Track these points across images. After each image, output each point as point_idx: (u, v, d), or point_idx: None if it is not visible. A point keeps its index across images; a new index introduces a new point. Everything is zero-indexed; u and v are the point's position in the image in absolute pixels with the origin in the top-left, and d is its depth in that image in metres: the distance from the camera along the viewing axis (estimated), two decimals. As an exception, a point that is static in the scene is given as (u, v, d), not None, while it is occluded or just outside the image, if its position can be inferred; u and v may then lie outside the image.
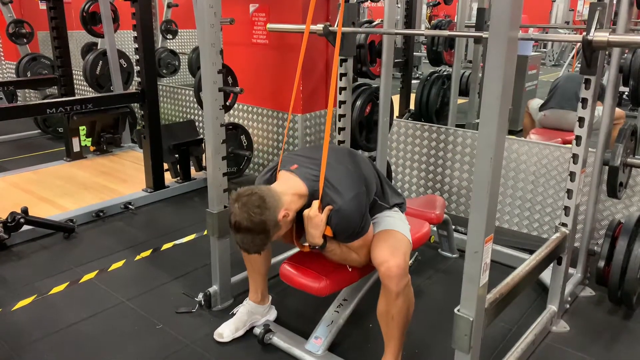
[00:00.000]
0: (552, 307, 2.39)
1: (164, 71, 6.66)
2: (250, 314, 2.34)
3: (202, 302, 2.51)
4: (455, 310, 1.62)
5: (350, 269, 2.04)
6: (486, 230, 1.49)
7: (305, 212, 1.87)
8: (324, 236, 1.87)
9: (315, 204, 1.85)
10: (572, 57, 10.10)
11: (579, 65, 3.37)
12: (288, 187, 1.89)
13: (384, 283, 1.84)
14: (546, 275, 2.60)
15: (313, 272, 2.01)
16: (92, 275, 2.85)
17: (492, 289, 1.74)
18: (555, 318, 2.39)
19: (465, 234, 3.13)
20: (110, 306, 2.57)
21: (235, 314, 2.36)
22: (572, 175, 2.21)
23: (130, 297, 2.64)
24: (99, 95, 4.52)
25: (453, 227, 3.04)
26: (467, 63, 6.01)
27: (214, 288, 2.53)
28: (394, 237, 1.94)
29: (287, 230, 1.93)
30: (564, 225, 2.27)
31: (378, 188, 2.07)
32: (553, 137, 4.08)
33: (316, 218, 1.84)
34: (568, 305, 2.53)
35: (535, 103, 4.74)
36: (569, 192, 2.22)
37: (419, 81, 4.77)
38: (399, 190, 2.25)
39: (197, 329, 2.39)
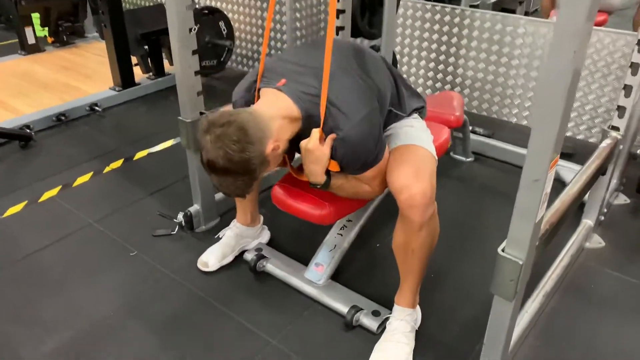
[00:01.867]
0: (588, 222, 2.07)
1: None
2: (239, 237, 2.00)
3: (183, 224, 2.16)
4: (499, 250, 1.27)
5: None
6: (553, 152, 1.09)
7: (303, 143, 1.43)
8: (327, 172, 1.47)
9: (316, 133, 1.41)
10: None
11: None
12: (276, 109, 1.43)
13: (404, 213, 1.46)
14: (568, 175, 2.28)
15: (313, 197, 1.63)
16: (54, 192, 2.46)
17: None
18: (590, 232, 2.09)
19: (483, 135, 2.83)
20: (76, 229, 2.21)
21: (221, 238, 2.02)
22: (634, 67, 1.77)
23: (99, 218, 2.28)
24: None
25: (470, 127, 2.64)
26: None
27: (195, 207, 2.17)
28: (415, 154, 1.53)
29: (278, 163, 1.51)
30: (615, 129, 1.88)
31: (394, 94, 1.61)
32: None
33: (317, 151, 1.41)
34: (602, 217, 2.22)
35: (557, -21, 4.12)
36: (627, 89, 1.80)
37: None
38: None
39: (177, 256, 2.06)
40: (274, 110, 1.42)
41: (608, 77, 2.71)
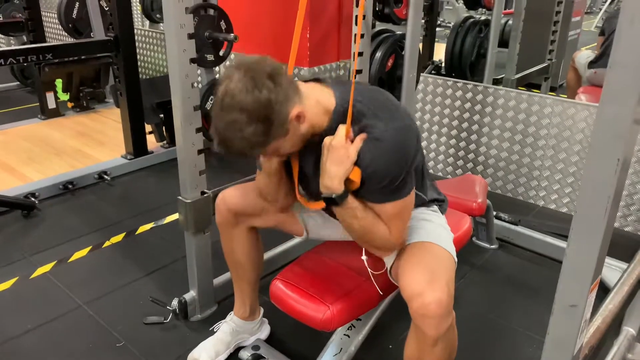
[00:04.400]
0: (629, 331, 1.82)
1: (157, 15, 5.93)
2: (236, 333, 1.80)
3: (177, 311, 1.98)
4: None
5: (366, 258, 1.44)
6: (594, 274, 0.91)
7: (327, 139, 1.25)
8: (347, 182, 1.26)
9: (343, 129, 1.24)
10: (609, 3, 9.19)
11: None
12: (312, 90, 1.29)
13: (416, 324, 1.26)
14: (608, 273, 2.05)
15: (314, 296, 1.44)
16: (47, 267, 2.32)
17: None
18: (632, 342, 1.83)
19: (508, 221, 2.63)
20: (63, 312, 2.05)
21: (216, 331, 1.83)
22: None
23: (90, 300, 2.11)
24: (61, 43, 3.89)
25: (494, 212, 2.45)
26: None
27: (191, 294, 2.00)
28: (432, 254, 1.34)
29: (292, 149, 1.30)
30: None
31: (419, 168, 1.43)
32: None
33: (341, 149, 1.22)
34: (645, 323, 1.96)
35: (584, 56, 4.02)
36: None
37: (442, 28, 4.04)
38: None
39: (168, 349, 1.87)
40: (310, 90, 1.28)
41: (644, 163, 2.52)
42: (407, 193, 1.30)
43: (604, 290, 1.45)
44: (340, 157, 1.23)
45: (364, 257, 1.47)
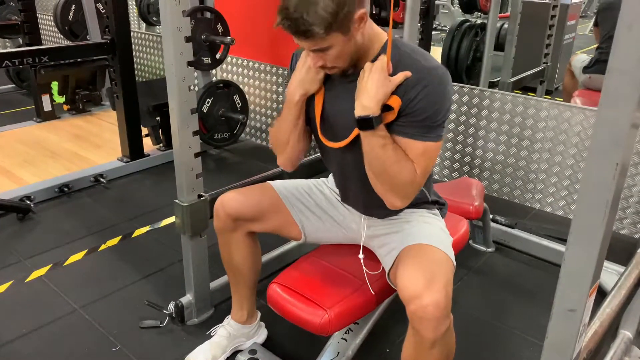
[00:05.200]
0: (626, 334, 1.83)
1: (154, 18, 5.92)
2: (233, 337, 1.80)
3: (173, 315, 1.97)
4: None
5: (362, 257, 1.45)
6: (593, 277, 0.91)
7: (368, 64, 1.28)
8: (383, 110, 1.26)
9: (384, 57, 1.27)
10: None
11: None
12: (370, 22, 1.33)
13: (414, 326, 1.26)
14: (604, 276, 2.06)
15: (311, 300, 1.44)
16: (43, 271, 2.31)
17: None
18: (629, 346, 1.84)
19: (505, 224, 2.64)
20: (59, 316, 2.03)
21: (213, 335, 1.82)
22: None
23: (86, 303, 2.10)
24: (57, 46, 3.89)
25: (490, 215, 2.45)
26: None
27: (187, 298, 1.99)
28: (431, 257, 1.34)
29: (344, 58, 1.29)
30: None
31: None
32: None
33: (383, 72, 1.24)
34: (642, 327, 1.97)
35: (579, 60, 4.03)
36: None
37: (437, 32, 4.05)
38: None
39: (164, 353, 1.86)
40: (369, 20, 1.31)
41: (639, 166, 2.54)
42: (438, 137, 1.31)
43: (600, 294, 1.45)
44: (381, 79, 1.25)
45: (360, 256, 1.47)
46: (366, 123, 1.26)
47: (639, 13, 0.74)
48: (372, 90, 1.24)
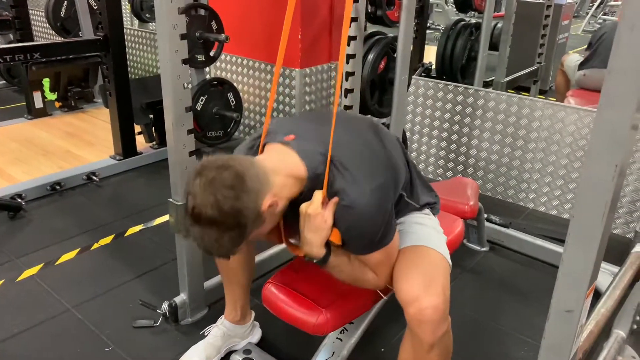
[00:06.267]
0: (620, 333, 1.83)
1: (146, 15, 5.87)
2: (227, 337, 1.78)
3: (167, 315, 1.96)
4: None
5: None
6: (591, 278, 0.91)
7: (303, 206, 1.26)
8: (328, 244, 1.27)
9: (318, 195, 1.24)
10: (596, 7, 9.27)
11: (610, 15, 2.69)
12: (280, 164, 1.27)
13: (412, 329, 1.26)
14: (599, 277, 2.06)
15: (307, 300, 1.43)
16: (34, 270, 2.28)
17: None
18: (622, 345, 1.84)
19: (499, 224, 2.65)
20: (51, 316, 2.01)
21: (207, 335, 1.81)
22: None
23: (78, 303, 2.08)
24: (48, 42, 3.85)
25: (485, 215, 2.45)
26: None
27: (181, 297, 1.97)
28: (427, 259, 1.34)
29: (273, 225, 1.31)
30: (649, 230, 1.69)
31: (407, 180, 1.44)
32: (597, 101, 3.43)
33: (318, 217, 1.23)
34: (635, 326, 1.98)
35: (572, 59, 4.06)
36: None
37: (431, 31, 4.04)
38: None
39: (157, 353, 1.85)
40: (278, 164, 1.27)
41: (632, 166, 2.55)
42: (390, 239, 1.32)
43: (594, 294, 1.46)
44: (317, 225, 1.24)
45: None
46: (317, 263, 1.30)
47: (640, 14, 0.74)
48: (310, 238, 1.26)
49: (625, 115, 0.79)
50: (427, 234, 1.42)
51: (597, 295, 1.44)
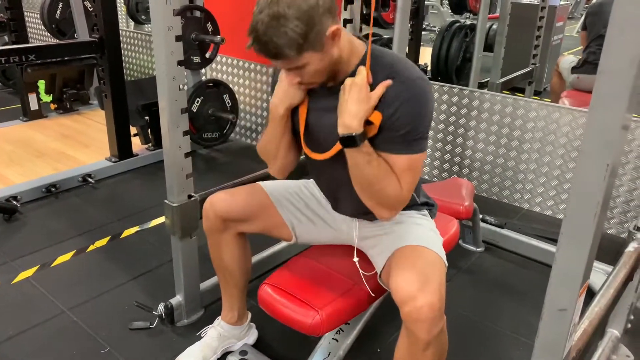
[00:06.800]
0: (614, 332, 1.85)
1: (142, 17, 5.88)
2: (223, 338, 1.79)
3: (163, 316, 1.96)
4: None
5: (357, 260, 1.45)
6: (583, 277, 0.92)
7: (348, 79, 1.26)
8: (365, 125, 1.25)
9: (363, 70, 1.26)
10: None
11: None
12: (345, 32, 1.31)
13: (408, 327, 1.26)
14: (592, 276, 2.07)
15: (303, 300, 1.43)
16: (30, 272, 2.28)
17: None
18: (616, 344, 1.86)
19: (494, 224, 2.66)
20: (46, 318, 2.01)
21: (203, 337, 1.81)
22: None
23: (74, 305, 2.08)
24: (44, 44, 3.84)
25: (480, 215, 2.46)
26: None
27: (177, 299, 1.97)
28: (424, 258, 1.34)
29: (323, 68, 1.28)
30: (642, 230, 1.70)
31: None
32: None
33: (364, 88, 1.23)
34: (629, 325, 1.99)
35: (567, 61, 4.07)
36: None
37: (426, 32, 4.06)
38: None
39: (153, 354, 1.85)
40: (344, 31, 1.29)
41: (626, 166, 2.56)
42: (421, 149, 1.30)
43: (588, 293, 1.47)
44: (362, 96, 1.23)
45: (355, 259, 1.47)
46: (349, 141, 1.26)
47: (630, 17, 0.75)
48: (353, 108, 1.24)
49: (616, 115, 0.80)
50: (424, 235, 1.42)
51: (591, 294, 1.46)
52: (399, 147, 1.28)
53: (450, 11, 4.33)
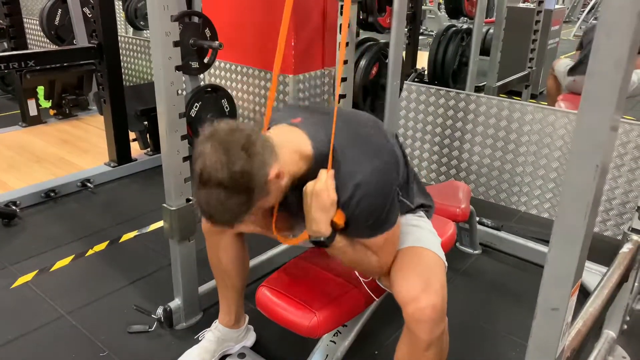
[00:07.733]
0: (610, 333, 1.86)
1: (141, 23, 5.89)
2: (221, 341, 1.80)
3: (162, 320, 1.97)
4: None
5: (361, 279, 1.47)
6: (575, 276, 0.93)
7: (309, 185, 1.25)
8: (333, 224, 1.27)
9: (324, 173, 1.25)
10: (587, 12, 9.38)
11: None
12: (287, 140, 1.26)
13: (410, 328, 1.28)
14: (588, 277, 2.08)
15: (300, 303, 1.45)
16: (29, 277, 2.29)
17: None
18: (612, 345, 1.87)
19: (491, 227, 2.67)
20: (45, 322, 2.02)
21: (201, 340, 1.82)
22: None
23: (73, 309, 2.09)
24: (43, 50, 3.86)
25: (477, 218, 2.48)
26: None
27: (176, 302, 1.98)
28: (424, 259, 1.36)
29: (275, 202, 1.30)
30: (636, 231, 1.71)
31: (404, 177, 1.43)
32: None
33: (324, 195, 1.23)
34: (625, 326, 2.00)
35: (563, 64, 4.10)
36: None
37: (424, 37, 4.09)
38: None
39: (152, 357, 1.86)
40: (285, 140, 1.25)
41: (621, 169, 2.58)
42: (393, 223, 1.32)
43: (584, 294, 1.48)
44: (324, 203, 1.24)
45: None
46: (320, 244, 1.29)
47: (616, 22, 0.77)
48: (317, 215, 1.24)
49: (605, 116, 0.82)
50: (423, 236, 1.44)
51: (587, 295, 1.47)
52: (369, 233, 1.31)
53: (447, 16, 4.36)
